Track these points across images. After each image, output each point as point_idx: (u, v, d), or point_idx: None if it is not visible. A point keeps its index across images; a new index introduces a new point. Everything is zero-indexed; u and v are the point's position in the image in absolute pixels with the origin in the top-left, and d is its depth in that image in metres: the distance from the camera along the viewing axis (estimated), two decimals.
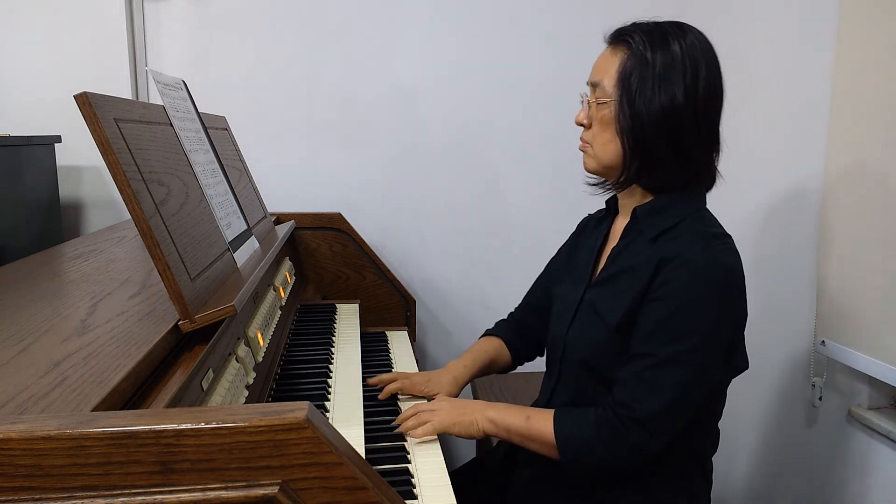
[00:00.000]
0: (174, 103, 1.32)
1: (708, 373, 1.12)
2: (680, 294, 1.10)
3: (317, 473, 0.63)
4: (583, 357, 1.22)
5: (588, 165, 1.24)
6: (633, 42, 1.15)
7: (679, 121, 1.13)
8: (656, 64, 1.13)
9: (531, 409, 1.23)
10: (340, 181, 2.26)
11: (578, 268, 1.33)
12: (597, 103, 1.19)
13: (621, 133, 1.16)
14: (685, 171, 1.18)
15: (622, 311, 1.15)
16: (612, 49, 1.19)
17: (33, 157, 1.93)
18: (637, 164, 1.17)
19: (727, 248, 1.15)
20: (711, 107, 1.17)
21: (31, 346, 0.87)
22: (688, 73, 1.13)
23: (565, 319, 1.28)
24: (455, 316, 2.36)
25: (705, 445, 1.24)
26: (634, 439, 1.09)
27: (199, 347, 0.96)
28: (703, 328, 1.09)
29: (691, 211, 1.18)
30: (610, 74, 1.17)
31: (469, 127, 2.27)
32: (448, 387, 1.41)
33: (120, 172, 0.91)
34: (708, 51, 1.16)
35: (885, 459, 1.54)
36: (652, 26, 1.17)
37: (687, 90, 1.13)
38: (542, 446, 1.18)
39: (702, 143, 1.17)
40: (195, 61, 2.18)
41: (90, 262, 1.40)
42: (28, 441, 0.59)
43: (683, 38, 1.14)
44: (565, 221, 1.49)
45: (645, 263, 1.15)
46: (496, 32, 2.23)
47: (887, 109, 1.45)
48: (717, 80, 1.17)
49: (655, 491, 1.19)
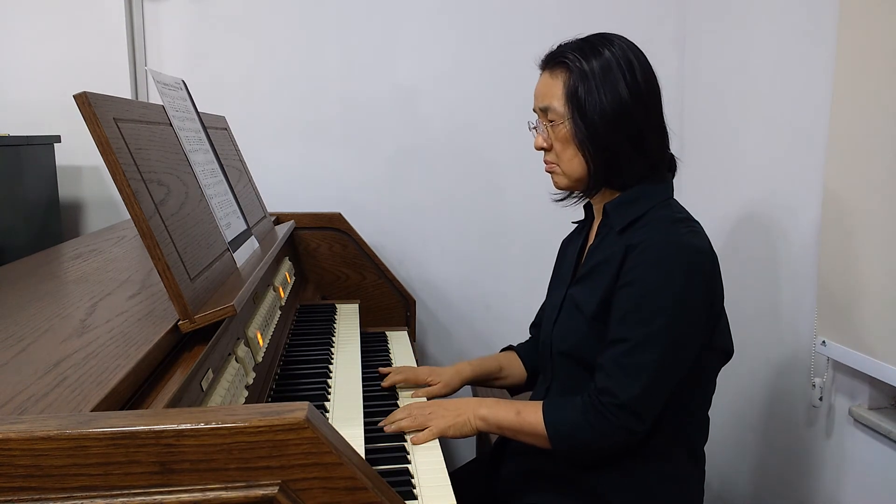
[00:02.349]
0: (174, 103, 1.32)
1: (683, 350, 1.16)
2: (645, 277, 1.15)
3: (317, 474, 0.63)
4: (566, 349, 1.27)
5: (560, 184, 1.31)
6: (568, 61, 1.22)
7: (630, 116, 1.20)
8: (595, 72, 1.20)
9: (521, 402, 1.25)
10: (340, 181, 2.26)
11: (563, 273, 1.39)
12: (552, 125, 1.25)
13: (581, 146, 1.22)
14: (646, 163, 1.24)
15: (597, 301, 1.21)
16: (549, 73, 1.26)
17: (33, 157, 1.93)
18: (603, 169, 1.23)
19: (691, 231, 1.20)
20: (653, 96, 1.24)
21: (30, 346, 0.87)
22: (625, 71, 1.20)
23: (551, 320, 1.33)
24: (455, 316, 2.36)
25: (692, 431, 1.27)
26: (621, 422, 1.14)
27: (199, 347, 0.96)
28: (671, 307, 1.14)
29: (658, 200, 1.24)
30: (557, 96, 1.23)
31: (469, 127, 2.27)
32: (450, 378, 1.46)
33: (119, 172, 0.91)
34: (635, 48, 1.24)
35: (886, 459, 1.54)
36: (580, 42, 1.25)
37: (629, 86, 1.20)
38: (533, 438, 1.21)
39: (654, 132, 1.24)
40: (195, 61, 2.18)
41: (90, 262, 1.40)
42: (28, 441, 0.59)
43: (611, 45, 1.22)
44: (565, 221, 1.49)
45: (615, 254, 1.20)
46: (496, 32, 2.23)
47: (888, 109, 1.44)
48: (649, 70, 1.24)
49: (642, 476, 1.22)
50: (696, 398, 1.26)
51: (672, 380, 1.16)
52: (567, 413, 1.18)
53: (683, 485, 1.26)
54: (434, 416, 1.26)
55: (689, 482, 1.27)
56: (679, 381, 1.17)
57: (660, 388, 1.15)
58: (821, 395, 1.69)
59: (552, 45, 1.28)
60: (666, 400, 1.17)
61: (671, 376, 1.16)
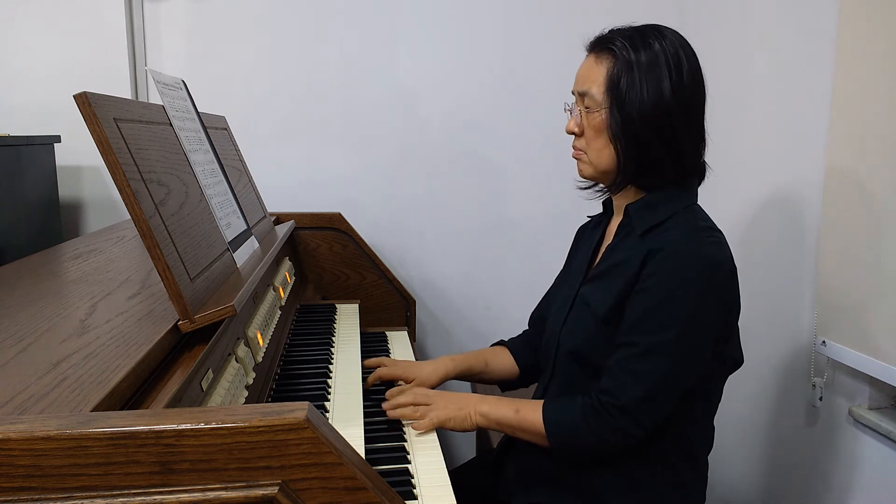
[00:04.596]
0: (174, 103, 1.32)
1: (692, 363, 1.14)
2: (664, 285, 1.13)
3: (317, 474, 0.63)
4: (573, 348, 1.25)
5: (584, 172, 1.27)
6: (616, 48, 1.18)
7: (669, 117, 1.16)
8: (641, 64, 1.16)
9: (521, 401, 1.25)
10: (340, 181, 2.26)
11: (576, 269, 1.36)
12: (587, 111, 1.21)
13: (615, 139, 1.18)
14: (678, 167, 1.20)
15: (610, 303, 1.18)
16: (595, 57, 1.21)
17: (33, 157, 1.93)
18: (633, 166, 1.19)
19: (714, 241, 1.17)
20: (697, 100, 1.20)
21: (30, 346, 0.87)
22: (672, 69, 1.16)
23: (560, 316, 1.31)
24: (455, 316, 2.36)
25: (695, 437, 1.25)
26: (619, 424, 1.13)
27: (199, 347, 0.96)
28: (686, 318, 1.12)
29: (682, 206, 1.21)
30: (598, 82, 1.19)
31: (469, 127, 2.26)
32: (426, 376, 1.42)
33: (119, 172, 0.91)
34: (686, 46, 1.19)
35: (886, 459, 1.54)
36: (631, 31, 1.20)
37: (673, 85, 1.15)
38: (532, 436, 1.21)
39: (691, 137, 1.20)
40: (195, 61, 2.18)
41: (90, 262, 1.40)
42: (28, 441, 0.59)
43: (663, 38, 1.18)
44: (565, 221, 1.49)
45: (634, 256, 1.18)
46: (496, 32, 2.23)
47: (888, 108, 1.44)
48: (698, 73, 1.20)
49: (644, 481, 1.21)
50: (702, 407, 1.24)
51: (676, 391, 1.14)
52: (566, 412, 1.18)
53: (685, 492, 1.25)
54: (436, 407, 1.27)
55: (690, 489, 1.26)
56: (685, 390, 1.16)
57: (662, 397, 1.13)
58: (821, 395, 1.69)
59: (603, 28, 1.23)
60: (671, 409, 1.15)
61: (675, 387, 1.14)
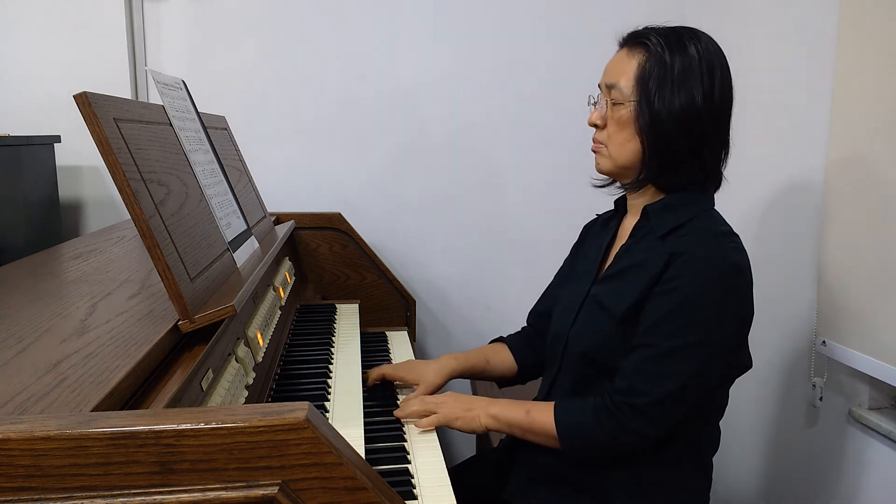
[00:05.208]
0: (174, 103, 1.32)
1: (709, 367, 1.14)
2: (687, 288, 1.12)
3: (317, 474, 0.63)
4: (585, 349, 1.23)
5: (602, 166, 1.25)
6: (650, 44, 1.17)
7: (698, 122, 1.16)
8: (675, 66, 1.15)
9: (531, 402, 1.25)
10: (340, 181, 2.26)
11: (584, 267, 1.35)
12: (613, 104, 1.20)
13: (641, 133, 1.17)
14: (700, 172, 1.20)
15: (629, 303, 1.17)
16: (627, 51, 1.20)
17: (33, 157, 1.93)
18: (656, 164, 1.19)
19: (735, 247, 1.17)
20: (726, 109, 1.20)
21: (30, 346, 0.87)
22: (705, 76, 1.15)
23: (569, 315, 1.29)
24: (455, 316, 2.36)
25: (703, 439, 1.25)
26: (633, 425, 1.12)
27: (199, 347, 0.96)
28: (708, 323, 1.11)
29: (701, 210, 1.20)
30: (627, 76, 1.18)
31: (469, 127, 2.26)
32: (431, 376, 1.40)
33: (119, 172, 0.91)
34: (721, 54, 1.19)
35: (886, 460, 1.54)
36: (667, 30, 1.19)
37: (705, 93, 1.15)
38: (543, 437, 1.20)
39: (717, 144, 1.20)
40: (195, 61, 2.18)
41: (90, 262, 1.39)
42: (28, 441, 0.59)
43: (699, 42, 1.17)
44: (565, 221, 1.49)
45: (655, 258, 1.17)
46: (496, 32, 2.23)
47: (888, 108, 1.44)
48: (730, 83, 1.19)
49: (650, 482, 1.20)
50: (712, 410, 1.24)
51: (693, 394, 1.14)
52: (578, 413, 1.17)
53: (691, 493, 1.25)
54: (445, 405, 1.27)
55: (696, 491, 1.26)
56: (701, 394, 1.15)
57: (679, 400, 1.13)
58: (821, 395, 1.69)
59: (638, 25, 1.23)
60: (686, 412, 1.15)
61: (693, 390, 1.13)
